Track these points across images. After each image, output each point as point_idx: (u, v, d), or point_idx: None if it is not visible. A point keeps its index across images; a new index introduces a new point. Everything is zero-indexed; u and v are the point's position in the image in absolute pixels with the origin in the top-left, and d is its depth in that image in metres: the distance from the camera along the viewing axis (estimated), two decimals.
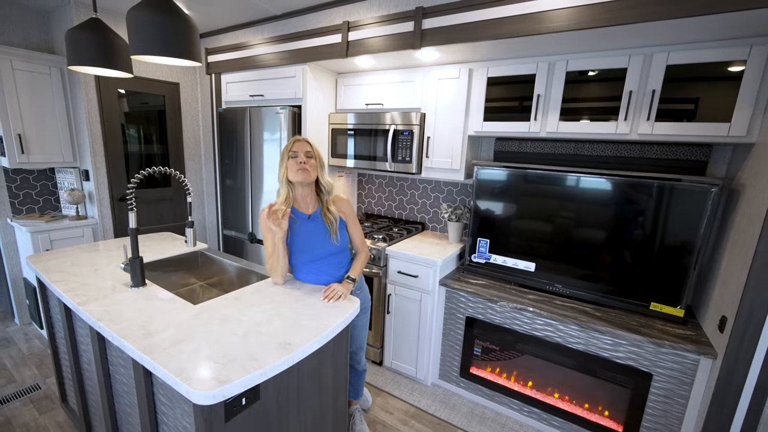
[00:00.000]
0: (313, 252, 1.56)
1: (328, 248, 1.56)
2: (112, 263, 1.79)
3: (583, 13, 1.56)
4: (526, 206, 2.11)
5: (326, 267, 1.59)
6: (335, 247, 1.57)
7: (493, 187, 2.18)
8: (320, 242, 1.55)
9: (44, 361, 2.49)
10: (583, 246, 1.95)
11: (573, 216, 1.97)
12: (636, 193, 1.81)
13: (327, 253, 1.57)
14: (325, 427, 1.42)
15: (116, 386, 1.42)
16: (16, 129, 2.58)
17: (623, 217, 1.85)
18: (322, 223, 1.56)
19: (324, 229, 1.55)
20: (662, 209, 1.76)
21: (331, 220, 1.55)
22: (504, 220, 2.18)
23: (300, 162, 1.46)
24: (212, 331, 1.19)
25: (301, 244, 1.55)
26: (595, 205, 1.91)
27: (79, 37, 1.45)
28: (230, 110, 2.88)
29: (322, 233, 1.55)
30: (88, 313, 1.27)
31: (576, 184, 1.94)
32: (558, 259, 2.03)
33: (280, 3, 2.44)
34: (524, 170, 2.07)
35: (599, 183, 1.88)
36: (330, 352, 1.34)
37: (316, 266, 1.58)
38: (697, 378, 1.60)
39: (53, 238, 2.68)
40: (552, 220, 2.04)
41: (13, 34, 2.68)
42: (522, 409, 2.08)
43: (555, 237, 2.03)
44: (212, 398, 0.91)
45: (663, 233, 1.76)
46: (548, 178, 2.01)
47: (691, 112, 1.64)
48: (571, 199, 1.97)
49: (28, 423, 1.95)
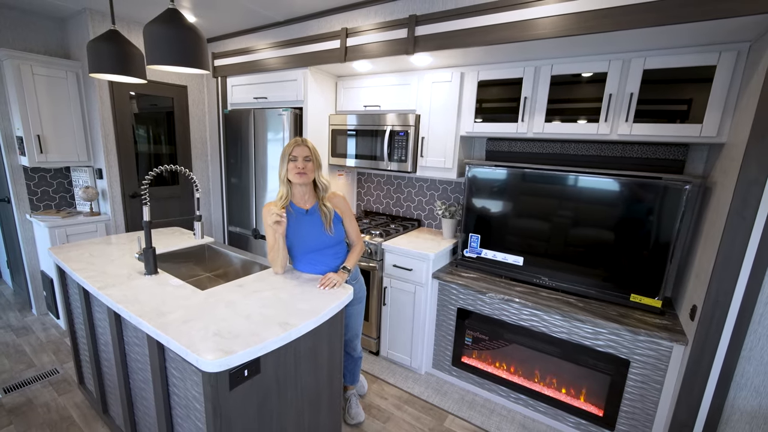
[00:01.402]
0: (311, 243, 1.70)
1: (324, 240, 1.69)
2: (126, 254, 1.93)
3: (566, 21, 1.67)
4: (515, 203, 2.22)
5: (323, 258, 1.72)
6: (331, 239, 1.70)
7: (483, 185, 2.29)
8: (317, 234, 1.69)
9: (60, 348, 2.65)
10: (568, 241, 2.06)
11: (559, 213, 2.08)
12: (617, 190, 1.91)
13: (323, 244, 1.70)
14: (321, 404, 1.55)
15: (131, 365, 1.56)
16: (36, 130, 2.74)
17: (605, 214, 1.95)
18: (318, 217, 1.69)
19: (320, 222, 1.69)
20: (641, 206, 1.86)
21: (326, 214, 1.68)
22: (494, 217, 2.29)
23: (299, 167, 1.60)
24: (218, 312, 1.32)
25: (300, 237, 1.69)
26: (580, 203, 2.02)
27: (99, 47, 1.59)
28: (235, 112, 3.02)
29: (318, 226, 1.69)
30: (108, 297, 1.40)
31: (561, 182, 2.05)
32: (544, 253, 2.14)
33: (283, 10, 2.57)
34: (512, 168, 2.18)
35: (583, 181, 1.98)
36: (325, 334, 1.47)
37: (314, 257, 1.72)
38: (671, 364, 1.70)
39: (69, 233, 2.84)
40: (539, 216, 2.15)
41: (33, 40, 2.84)
42: (510, 396, 2.19)
43: (542, 232, 2.14)
44: (218, 366, 1.04)
45: (642, 228, 1.87)
46: (535, 176, 2.12)
47: (666, 114, 1.74)
48: (557, 197, 2.08)
49: (48, 403, 2.10)
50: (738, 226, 1.39)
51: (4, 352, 2.58)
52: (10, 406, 2.06)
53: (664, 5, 1.45)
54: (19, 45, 2.78)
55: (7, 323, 2.97)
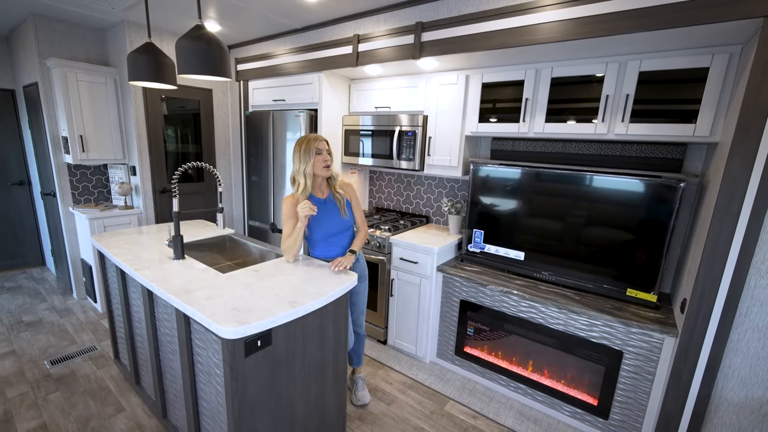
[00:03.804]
0: (330, 228, 1.88)
1: (342, 223, 1.89)
2: (156, 243, 2.15)
3: (564, 27, 1.76)
4: (517, 200, 2.31)
5: (340, 240, 1.92)
6: (346, 222, 1.90)
7: (487, 183, 2.40)
8: (336, 220, 1.88)
9: (98, 328, 2.92)
10: (568, 237, 2.14)
11: (559, 209, 2.16)
12: (615, 188, 1.98)
13: (340, 228, 1.90)
14: (326, 379, 1.70)
15: (161, 338, 1.76)
16: (78, 131, 3.03)
17: (604, 211, 2.02)
18: (334, 204, 1.89)
19: (336, 208, 1.88)
20: (638, 203, 1.93)
21: (340, 200, 1.88)
22: (497, 213, 2.39)
23: (326, 160, 1.78)
24: (237, 292, 1.50)
25: (321, 223, 1.87)
26: (579, 200, 2.09)
27: (137, 58, 1.81)
28: (256, 113, 3.23)
29: (335, 212, 1.88)
30: (143, 276, 1.61)
31: (562, 180, 2.13)
32: (544, 248, 2.23)
33: (300, 18, 2.75)
34: (514, 167, 2.27)
35: (583, 179, 2.06)
36: (331, 314, 1.62)
37: (333, 240, 1.91)
38: (662, 355, 1.77)
39: (106, 224, 3.12)
40: (540, 213, 2.23)
41: (77, 49, 3.14)
42: (509, 385, 2.29)
43: (543, 228, 2.23)
44: (235, 334, 1.21)
45: (638, 225, 1.93)
46: (536, 174, 2.21)
47: (661, 114, 1.81)
48: (558, 195, 2.16)
49: (88, 375, 2.35)
50: (723, 220, 1.45)
51: (50, 330, 2.87)
52: (56, 376, 2.33)
53: (658, 10, 1.52)
54: (66, 54, 3.08)
55: (52, 305, 3.28)
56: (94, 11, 2.82)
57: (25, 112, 3.66)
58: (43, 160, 3.48)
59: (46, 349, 2.62)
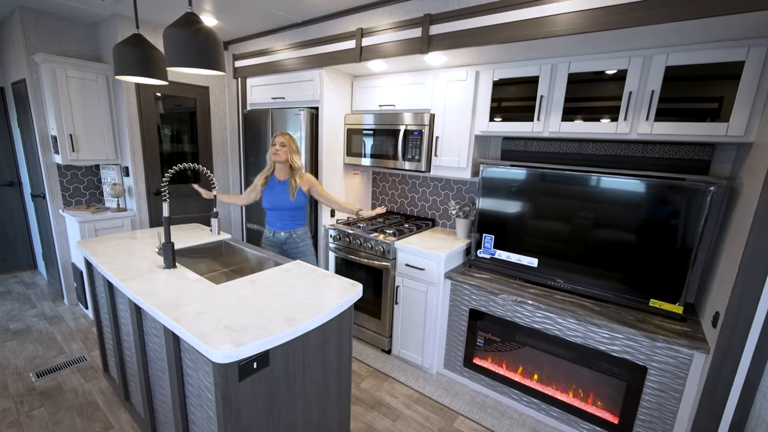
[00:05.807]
0: (275, 203, 2.30)
1: (285, 202, 2.28)
2: (148, 248, 2.02)
3: (583, 18, 1.63)
4: (531, 203, 2.18)
5: (282, 216, 2.32)
6: (291, 203, 2.27)
7: (497, 185, 2.26)
8: (281, 198, 2.28)
9: (89, 336, 2.79)
10: (585, 243, 2.01)
11: (576, 214, 2.03)
12: (637, 191, 1.85)
13: (283, 206, 2.29)
14: (329, 399, 1.57)
15: (150, 354, 1.63)
16: (68, 130, 2.90)
17: (625, 215, 1.89)
18: (286, 187, 2.28)
19: (287, 191, 2.27)
20: (662, 208, 1.80)
21: (292, 185, 2.26)
22: (508, 217, 2.26)
23: (276, 150, 2.22)
24: (231, 306, 1.36)
25: (269, 196, 2.31)
26: (598, 204, 1.96)
27: (124, 51, 1.67)
28: (254, 112, 3.09)
29: (285, 193, 2.27)
30: (129, 288, 1.48)
31: (580, 183, 2.00)
32: (560, 255, 2.10)
33: (300, 11, 2.61)
34: (527, 168, 2.14)
35: (602, 182, 1.93)
36: (334, 331, 1.49)
37: (277, 214, 2.32)
38: (691, 372, 1.64)
39: (98, 228, 2.99)
40: (555, 217, 2.10)
41: (67, 44, 3.00)
42: (522, 399, 2.16)
43: (558, 234, 2.10)
44: (227, 358, 1.08)
45: (662, 231, 1.80)
46: (552, 176, 2.07)
47: (689, 112, 1.67)
48: (575, 198, 2.03)
49: (76, 388, 2.22)
50: (765, 228, 1.32)
51: (38, 338, 2.74)
52: (42, 389, 2.19)
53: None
54: (55, 49, 2.94)
55: (42, 312, 3.15)
56: (83, 3, 2.68)
57: (14, 111, 3.53)
58: (32, 161, 3.34)
59: (32, 360, 2.48)
